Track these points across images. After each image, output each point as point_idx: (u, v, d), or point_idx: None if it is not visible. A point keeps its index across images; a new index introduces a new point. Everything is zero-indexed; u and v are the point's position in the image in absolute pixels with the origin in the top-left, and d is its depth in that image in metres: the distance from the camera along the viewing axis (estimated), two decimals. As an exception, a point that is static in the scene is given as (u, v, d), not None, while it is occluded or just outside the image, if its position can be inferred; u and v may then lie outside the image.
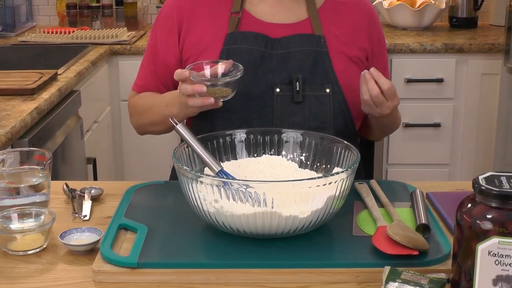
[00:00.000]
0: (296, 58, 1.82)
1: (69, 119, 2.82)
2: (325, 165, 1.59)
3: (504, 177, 1.14)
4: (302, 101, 1.80)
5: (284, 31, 1.86)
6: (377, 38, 1.94)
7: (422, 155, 3.71)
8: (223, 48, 1.83)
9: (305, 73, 1.81)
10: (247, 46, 1.82)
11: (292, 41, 1.84)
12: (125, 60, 3.61)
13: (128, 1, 4.06)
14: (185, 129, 1.51)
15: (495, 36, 3.77)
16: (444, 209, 1.55)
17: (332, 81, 1.82)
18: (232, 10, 1.86)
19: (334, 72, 1.83)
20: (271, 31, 1.85)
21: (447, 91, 3.65)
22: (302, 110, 1.80)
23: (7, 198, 1.47)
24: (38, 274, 1.32)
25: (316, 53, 1.83)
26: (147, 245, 1.35)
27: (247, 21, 1.86)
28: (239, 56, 1.80)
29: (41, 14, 4.29)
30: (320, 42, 1.84)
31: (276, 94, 1.80)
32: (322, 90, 1.81)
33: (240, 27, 1.85)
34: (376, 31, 1.94)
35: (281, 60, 1.82)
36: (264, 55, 1.82)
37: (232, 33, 1.84)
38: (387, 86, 1.68)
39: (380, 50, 1.96)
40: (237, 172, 1.54)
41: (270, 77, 1.81)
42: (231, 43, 1.83)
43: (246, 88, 1.79)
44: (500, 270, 1.08)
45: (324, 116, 1.81)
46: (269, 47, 1.83)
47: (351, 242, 1.38)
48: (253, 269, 1.28)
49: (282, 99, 1.80)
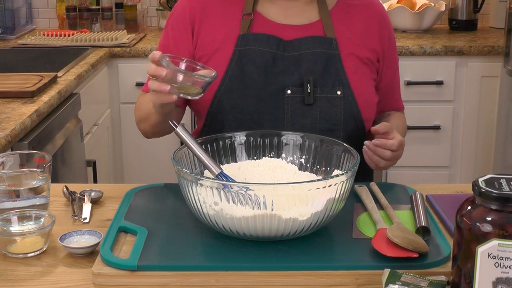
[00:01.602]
0: (307, 60, 1.83)
1: (69, 122, 2.82)
2: (325, 168, 1.59)
3: (503, 180, 1.14)
4: (313, 103, 1.81)
5: (296, 33, 1.86)
6: (388, 40, 1.94)
7: (422, 158, 3.71)
8: (235, 49, 1.83)
9: (317, 75, 1.82)
10: (259, 48, 1.82)
11: (304, 43, 1.84)
12: (125, 62, 3.61)
13: (128, 4, 4.07)
14: (184, 132, 1.51)
15: (495, 39, 3.78)
16: (444, 211, 1.55)
17: (343, 83, 1.83)
18: (244, 12, 1.87)
19: (345, 74, 1.83)
20: (283, 32, 1.86)
21: (447, 94, 3.65)
22: (313, 112, 1.80)
23: (7, 201, 1.47)
24: (38, 276, 1.32)
25: (327, 56, 1.83)
26: (147, 247, 1.35)
27: (259, 23, 1.87)
28: (251, 57, 1.81)
29: (41, 17, 4.29)
30: (332, 45, 1.84)
31: (287, 96, 1.81)
32: (333, 93, 1.82)
33: (252, 28, 1.86)
34: (387, 33, 1.94)
35: (293, 62, 1.83)
36: (276, 57, 1.83)
37: (244, 34, 1.84)
38: (395, 146, 1.70)
39: (391, 52, 1.96)
40: (237, 175, 1.54)
41: (281, 79, 1.82)
42: (243, 44, 1.83)
43: (258, 90, 1.80)
44: (500, 273, 1.08)
45: (335, 118, 1.81)
46: (281, 49, 1.83)
47: (351, 244, 1.38)
48: (253, 272, 1.28)
49: (293, 101, 1.81)
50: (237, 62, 1.82)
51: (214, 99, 1.82)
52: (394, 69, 1.98)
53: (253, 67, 1.81)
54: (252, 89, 1.80)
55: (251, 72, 1.81)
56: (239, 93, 1.81)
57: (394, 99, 2.02)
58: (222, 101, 1.82)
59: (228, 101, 1.81)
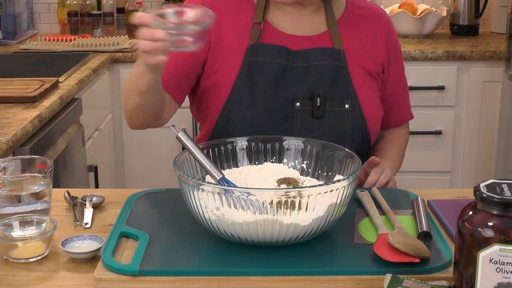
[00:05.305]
0: (316, 73, 1.83)
1: (70, 127, 2.82)
2: (327, 173, 1.59)
3: (505, 185, 1.14)
4: (322, 116, 1.81)
5: (304, 43, 1.86)
6: (393, 50, 1.95)
7: (423, 163, 3.71)
8: (244, 60, 1.83)
9: (325, 88, 1.82)
10: (269, 59, 1.82)
11: (313, 54, 1.84)
12: (126, 67, 3.61)
13: (129, 9, 4.07)
14: (186, 137, 1.51)
15: (496, 44, 3.78)
16: (445, 216, 1.55)
17: (351, 96, 1.83)
18: (254, 21, 1.86)
19: (353, 87, 1.84)
20: (292, 43, 1.85)
21: (448, 99, 3.65)
22: (322, 125, 1.81)
23: (9, 206, 1.47)
24: (40, 282, 1.32)
25: (336, 68, 1.84)
26: (149, 252, 1.35)
27: (269, 33, 1.86)
28: (261, 68, 1.81)
29: (42, 22, 4.30)
30: (340, 57, 1.85)
31: (296, 109, 1.81)
32: (341, 106, 1.82)
33: (262, 38, 1.85)
34: (393, 43, 1.96)
35: (302, 74, 1.83)
36: (286, 68, 1.82)
37: (254, 44, 1.84)
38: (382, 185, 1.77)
39: (396, 63, 1.97)
40: (238, 180, 1.54)
41: (291, 91, 1.82)
42: (253, 54, 1.83)
43: (267, 102, 1.80)
44: (502, 278, 1.08)
45: (343, 132, 1.81)
46: (290, 60, 1.83)
47: (353, 249, 1.38)
48: (254, 277, 1.28)
49: (302, 114, 1.81)
50: (247, 73, 1.82)
51: (223, 110, 1.82)
52: (399, 79, 1.98)
53: (262, 79, 1.81)
54: (261, 101, 1.80)
55: (261, 84, 1.81)
56: (249, 105, 1.81)
57: (398, 108, 2.02)
58: (231, 113, 1.81)
59: (237, 113, 1.81)
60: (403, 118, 2.06)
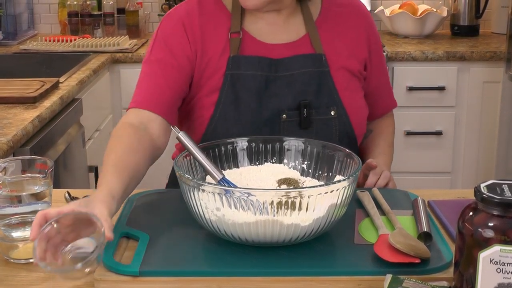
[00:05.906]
0: (300, 82, 1.80)
1: (70, 128, 2.82)
2: (327, 173, 1.59)
3: (506, 185, 1.14)
4: (308, 126, 1.80)
5: (285, 51, 1.82)
6: (374, 43, 1.93)
7: (423, 163, 3.71)
8: (226, 73, 1.78)
9: (311, 97, 1.80)
10: (251, 71, 1.78)
11: (294, 62, 1.81)
12: (127, 68, 3.62)
13: (130, 10, 4.07)
14: (187, 137, 1.51)
15: (497, 44, 3.78)
16: (445, 217, 1.55)
17: (336, 102, 1.81)
18: (231, 30, 1.81)
19: (337, 92, 1.82)
20: (272, 52, 1.82)
21: (448, 99, 3.65)
22: (309, 134, 1.77)
23: (9, 206, 1.47)
24: (40, 282, 1.32)
25: (319, 74, 1.81)
26: (149, 253, 1.35)
27: (248, 43, 1.81)
28: (244, 82, 1.78)
29: (42, 22, 4.30)
30: (322, 62, 1.82)
31: (283, 121, 1.79)
32: (327, 114, 1.81)
33: (242, 49, 1.81)
34: (373, 36, 1.93)
35: (286, 84, 1.80)
36: (269, 79, 1.79)
37: (234, 56, 1.79)
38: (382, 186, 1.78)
39: (378, 57, 1.94)
40: (238, 180, 1.54)
41: (276, 103, 1.79)
42: (234, 67, 1.78)
43: (252, 116, 1.78)
44: (502, 278, 1.08)
45: (329, 139, 1.79)
46: (273, 69, 1.80)
47: (353, 250, 1.38)
48: (255, 277, 1.28)
49: (289, 125, 1.79)
50: (230, 86, 1.78)
51: (209, 126, 1.79)
52: (381, 71, 1.97)
53: (246, 93, 1.78)
54: (247, 116, 1.77)
55: (245, 98, 1.78)
56: (234, 120, 1.78)
57: (383, 100, 2.02)
58: (217, 129, 1.78)
59: (223, 129, 1.78)
60: (388, 107, 2.05)
